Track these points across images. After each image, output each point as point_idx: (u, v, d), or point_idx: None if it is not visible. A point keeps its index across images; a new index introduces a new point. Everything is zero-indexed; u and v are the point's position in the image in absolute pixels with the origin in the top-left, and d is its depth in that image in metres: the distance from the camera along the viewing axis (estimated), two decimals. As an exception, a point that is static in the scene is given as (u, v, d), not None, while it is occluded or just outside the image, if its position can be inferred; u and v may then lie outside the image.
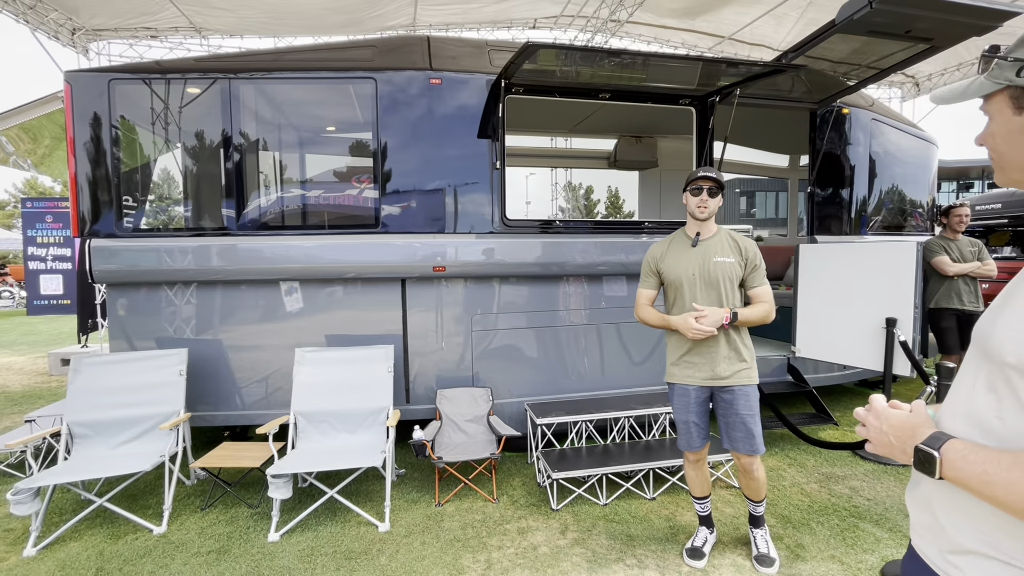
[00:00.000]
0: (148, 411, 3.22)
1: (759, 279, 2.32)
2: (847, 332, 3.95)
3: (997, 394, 0.80)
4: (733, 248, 2.32)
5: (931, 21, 2.89)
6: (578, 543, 2.68)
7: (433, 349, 3.70)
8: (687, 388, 2.38)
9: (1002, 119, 0.85)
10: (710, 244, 2.33)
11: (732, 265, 2.29)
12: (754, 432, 2.30)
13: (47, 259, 12.65)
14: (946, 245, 4.42)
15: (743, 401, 2.30)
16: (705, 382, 2.33)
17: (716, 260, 2.29)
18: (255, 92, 3.58)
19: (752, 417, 2.30)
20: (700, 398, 2.38)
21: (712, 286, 2.29)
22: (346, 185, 3.76)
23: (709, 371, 2.31)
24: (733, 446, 2.35)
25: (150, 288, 3.54)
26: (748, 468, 2.37)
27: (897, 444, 0.89)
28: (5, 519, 2.98)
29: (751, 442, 2.30)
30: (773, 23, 8.58)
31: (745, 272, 2.32)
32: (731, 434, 2.34)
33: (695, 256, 2.33)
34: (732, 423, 2.32)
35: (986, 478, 0.75)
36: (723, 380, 2.30)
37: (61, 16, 7.26)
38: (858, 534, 2.73)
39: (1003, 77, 0.82)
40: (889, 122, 4.81)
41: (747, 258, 2.31)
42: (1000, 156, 0.87)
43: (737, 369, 2.30)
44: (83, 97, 3.43)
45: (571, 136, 6.70)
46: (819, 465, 3.61)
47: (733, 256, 2.30)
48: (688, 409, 2.39)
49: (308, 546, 2.68)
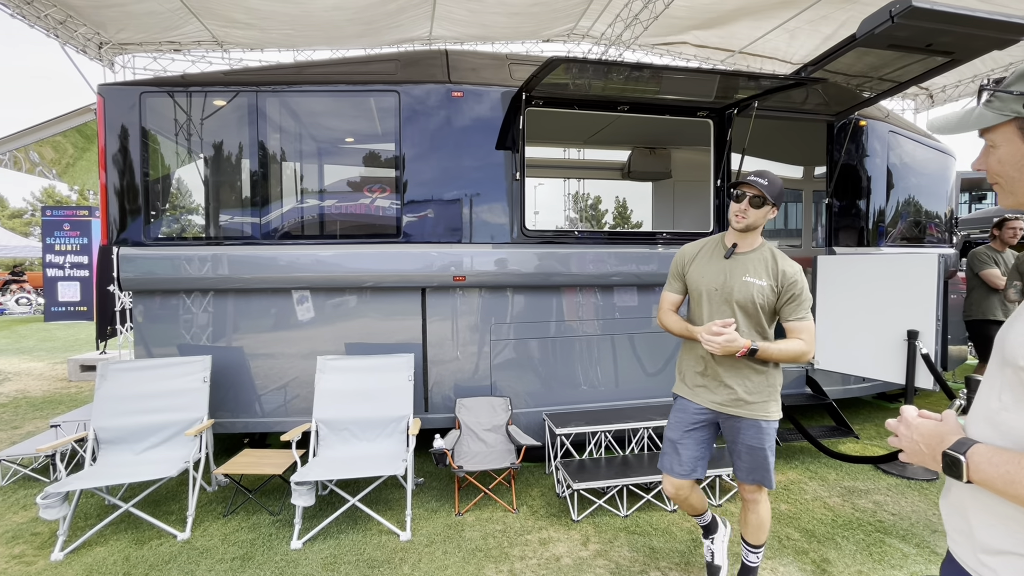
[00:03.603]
0: (172, 417, 3.26)
1: (797, 312, 1.98)
2: (867, 344, 3.92)
3: (1013, 397, 0.86)
4: (769, 270, 2.01)
5: (953, 35, 2.90)
6: (601, 555, 2.67)
7: (452, 358, 3.72)
8: (687, 405, 2.16)
9: (1011, 148, 0.91)
10: (745, 260, 2.05)
11: (762, 289, 1.99)
12: (767, 466, 2.06)
13: (64, 266, 12.89)
14: (995, 257, 4.38)
15: (753, 432, 2.05)
16: (713, 406, 2.10)
17: (745, 279, 2.01)
18: (280, 105, 3.66)
19: (760, 449, 2.05)
20: (697, 420, 2.13)
21: (729, 305, 2.03)
22: (368, 196, 3.82)
23: (722, 395, 2.07)
24: (742, 476, 2.13)
25: (174, 295, 3.60)
26: (750, 499, 2.14)
27: (928, 452, 0.94)
28: (33, 523, 3.02)
29: (759, 475, 2.08)
30: (787, 36, 8.63)
31: (779, 301, 2.01)
32: (736, 462, 2.13)
33: (724, 268, 2.06)
34: (737, 451, 2.11)
35: (1009, 478, 0.80)
36: (735, 409, 2.06)
37: (89, 31, 7.48)
38: (885, 550, 2.69)
39: (1009, 109, 0.88)
40: (906, 134, 4.81)
41: (783, 285, 1.99)
42: (1010, 182, 0.93)
43: (755, 401, 2.04)
44: (115, 109, 3.53)
45: (585, 148, 6.76)
46: (841, 479, 3.57)
47: (766, 279, 2.00)
48: (677, 426, 2.17)
49: (331, 554, 2.69)
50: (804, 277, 2.03)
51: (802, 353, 1.97)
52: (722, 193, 4.03)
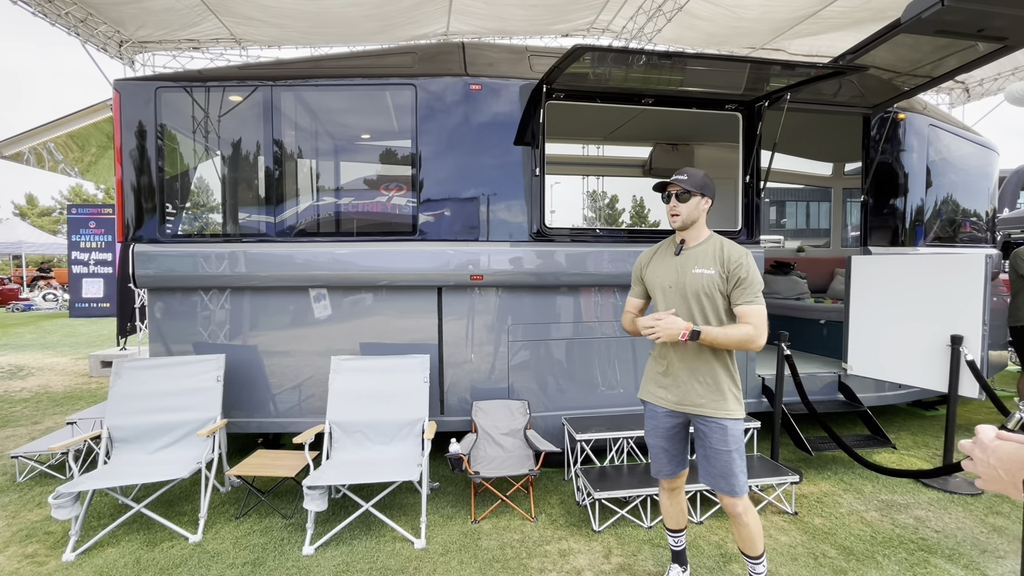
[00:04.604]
0: (186, 416, 3.21)
1: (745, 295, 1.98)
2: (905, 349, 3.72)
3: None
4: (716, 259, 2.04)
5: (1007, 18, 2.69)
6: (624, 569, 2.53)
7: (468, 359, 3.62)
8: (656, 410, 2.18)
9: None
10: (694, 253, 2.08)
11: (711, 278, 2.01)
12: (732, 470, 2.03)
13: (89, 263, 13.14)
14: None
15: (719, 435, 2.03)
16: (676, 407, 2.11)
17: (695, 271, 2.04)
18: (295, 99, 3.60)
19: (728, 453, 2.02)
20: (671, 423, 2.16)
21: (685, 300, 2.05)
22: (384, 193, 3.73)
23: (680, 394, 2.09)
24: (709, 482, 2.10)
25: (189, 293, 3.56)
26: (731, 511, 2.09)
27: (1008, 479, 0.82)
28: (45, 522, 3.00)
29: (726, 480, 2.04)
30: (810, 38, 8.33)
31: (728, 286, 2.01)
32: (706, 468, 2.10)
33: (675, 266, 2.11)
34: (707, 456, 2.08)
35: None
36: (696, 408, 2.06)
37: (109, 29, 7.54)
38: (930, 570, 2.51)
39: None
40: (947, 127, 4.56)
41: (729, 270, 2.00)
42: None
43: (711, 399, 2.04)
44: (131, 105, 3.49)
45: (605, 144, 6.59)
46: (877, 491, 3.37)
47: (714, 268, 2.02)
48: (656, 432, 2.20)
49: (343, 561, 2.61)
50: (752, 261, 2.02)
51: (750, 338, 1.94)
52: (751, 191, 3.85)
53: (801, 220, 29.18)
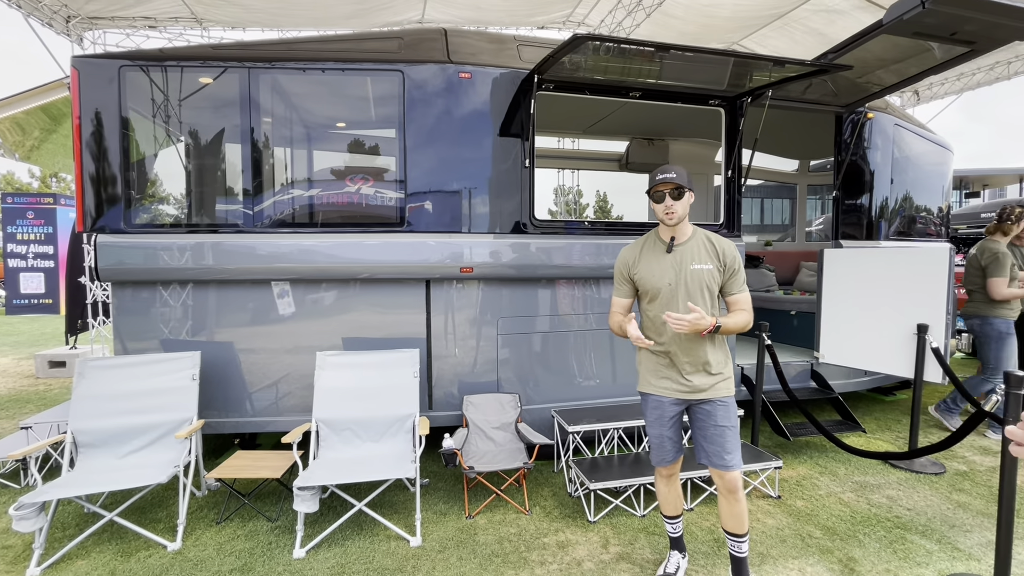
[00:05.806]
0: (159, 418, 3.02)
1: (739, 285, 2.15)
2: (874, 338, 3.90)
3: None
4: (711, 252, 2.13)
5: (979, 24, 2.84)
6: (623, 558, 2.56)
7: (457, 353, 3.56)
8: (662, 400, 2.22)
9: None
10: (686, 249, 2.14)
11: (711, 272, 2.11)
12: (736, 444, 2.14)
13: (28, 256, 12.23)
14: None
15: (723, 412, 2.14)
16: (681, 395, 2.17)
17: (693, 267, 2.11)
18: (273, 83, 3.41)
19: (732, 429, 2.13)
20: (675, 412, 2.22)
21: (689, 295, 2.11)
22: (369, 182, 3.60)
23: (686, 383, 2.15)
24: (711, 460, 2.16)
25: (158, 287, 3.34)
26: (732, 487, 2.14)
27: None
28: (3, 535, 2.76)
29: (731, 456, 2.12)
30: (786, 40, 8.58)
31: (724, 278, 2.14)
32: (708, 447, 2.15)
33: (670, 263, 2.14)
34: (710, 435, 2.14)
35: None
36: (701, 393, 2.14)
37: (55, 2, 6.96)
38: (908, 547, 2.65)
39: None
40: (910, 127, 4.81)
41: (725, 263, 2.12)
42: None
43: (715, 381, 2.15)
44: (91, 84, 3.23)
45: (582, 137, 6.61)
46: (851, 473, 3.54)
47: (711, 262, 2.12)
48: (662, 422, 2.24)
49: (337, 562, 2.52)
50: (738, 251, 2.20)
51: (748, 323, 2.13)
52: (733, 186, 3.94)
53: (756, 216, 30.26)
